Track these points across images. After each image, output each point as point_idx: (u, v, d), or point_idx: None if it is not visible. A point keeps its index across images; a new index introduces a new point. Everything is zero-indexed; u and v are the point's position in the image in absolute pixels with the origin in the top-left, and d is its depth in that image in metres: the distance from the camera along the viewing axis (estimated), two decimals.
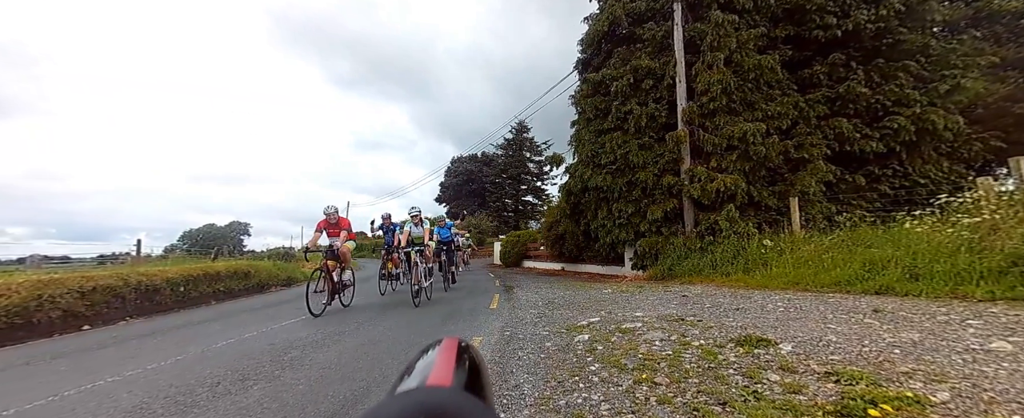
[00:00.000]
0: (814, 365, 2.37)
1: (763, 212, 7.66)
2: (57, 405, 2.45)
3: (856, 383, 2.05)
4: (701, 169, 7.86)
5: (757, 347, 2.78)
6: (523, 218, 32.24)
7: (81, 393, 2.67)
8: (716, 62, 7.93)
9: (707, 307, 4.41)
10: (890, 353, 2.47)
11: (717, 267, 6.75)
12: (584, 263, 11.83)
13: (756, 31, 8.06)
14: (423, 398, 0.28)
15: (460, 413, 0.25)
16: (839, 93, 7.89)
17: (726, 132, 7.67)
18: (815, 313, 3.63)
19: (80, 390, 2.72)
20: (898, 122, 7.44)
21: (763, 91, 8.06)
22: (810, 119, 7.89)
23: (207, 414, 2.30)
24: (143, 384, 2.81)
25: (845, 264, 4.89)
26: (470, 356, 0.41)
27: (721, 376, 2.34)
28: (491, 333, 4.08)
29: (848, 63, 8.08)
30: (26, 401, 2.50)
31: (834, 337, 2.87)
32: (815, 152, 7.52)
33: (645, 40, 9.33)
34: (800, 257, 5.62)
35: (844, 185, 7.78)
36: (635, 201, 8.61)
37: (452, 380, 0.33)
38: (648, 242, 8.36)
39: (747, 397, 2.03)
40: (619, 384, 2.39)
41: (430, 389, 0.32)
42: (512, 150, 32.37)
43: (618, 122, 9.06)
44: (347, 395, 2.51)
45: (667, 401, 2.08)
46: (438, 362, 0.37)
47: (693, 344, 3.00)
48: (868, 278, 4.45)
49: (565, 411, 2.11)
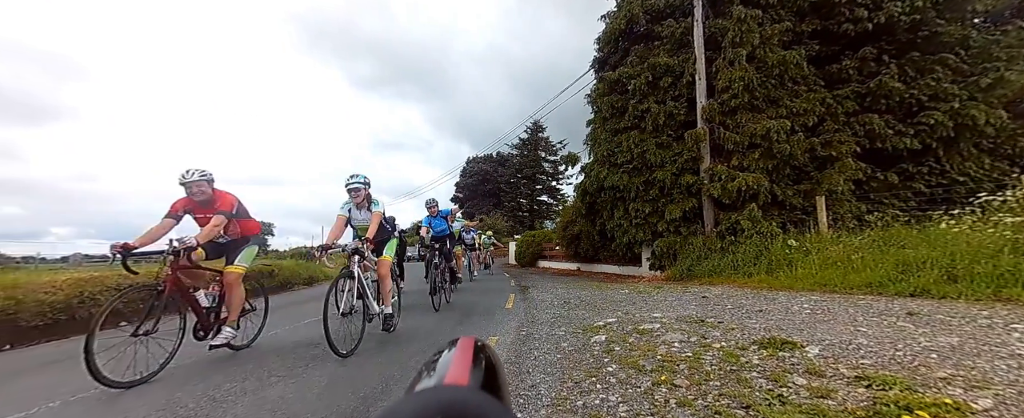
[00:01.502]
0: (843, 369, 2.28)
1: (787, 211, 7.42)
2: (95, 396, 2.57)
3: (889, 388, 1.96)
4: (722, 168, 7.67)
5: (782, 350, 2.68)
6: (538, 218, 32.20)
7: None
8: (738, 58, 7.73)
9: (728, 308, 4.29)
10: (926, 358, 2.34)
11: (738, 268, 6.57)
12: (600, 263, 11.70)
13: (781, 26, 7.82)
14: (440, 396, 0.28)
15: (477, 412, 0.26)
16: (870, 88, 7.57)
17: (748, 130, 7.46)
18: (844, 315, 3.49)
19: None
20: (935, 117, 7.09)
21: (788, 87, 7.81)
22: (838, 116, 7.60)
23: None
24: (182, 376, 2.91)
25: (876, 265, 4.68)
26: (486, 355, 0.41)
27: (744, 379, 2.28)
28: (507, 333, 4.08)
29: (880, 57, 7.74)
30: (69, 393, 2.63)
31: (865, 340, 2.75)
32: (843, 149, 7.24)
33: (664, 37, 9.18)
34: (827, 258, 5.41)
35: (875, 183, 7.46)
36: (652, 200, 8.47)
37: (469, 379, 0.34)
38: (666, 242, 8.20)
39: (771, 401, 1.96)
40: (637, 386, 2.35)
41: (447, 388, 0.32)
42: (527, 150, 32.39)
43: (635, 121, 8.94)
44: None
45: (687, 404, 2.04)
46: (455, 361, 0.37)
47: (714, 346, 2.93)
48: (901, 280, 4.25)
49: (582, 412, 2.09)
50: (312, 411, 2.23)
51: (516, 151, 32.82)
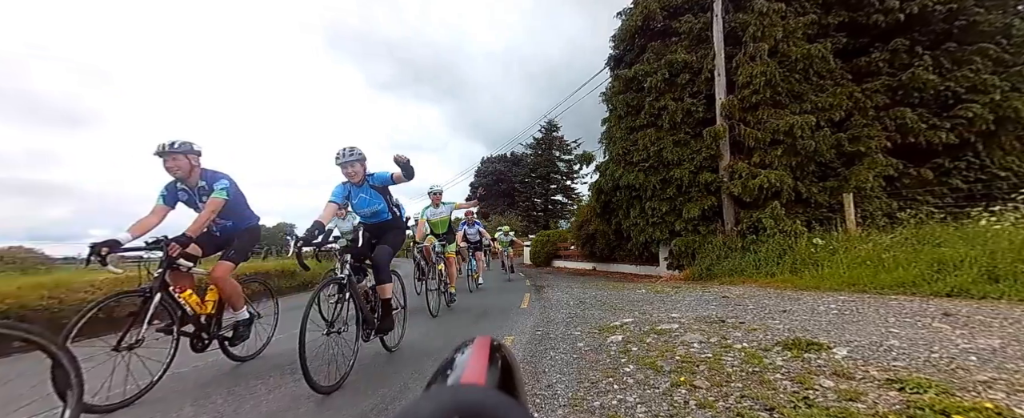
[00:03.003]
0: (874, 371, 2.18)
1: (812, 209, 7.18)
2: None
3: (924, 392, 1.86)
4: (742, 165, 7.47)
5: (807, 351, 2.59)
6: (553, 217, 32.07)
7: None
8: (759, 53, 7.52)
9: (750, 308, 4.17)
10: (965, 360, 2.23)
11: (760, 267, 6.39)
12: (616, 263, 11.57)
13: (805, 19, 7.57)
14: (458, 395, 0.28)
15: (494, 411, 0.25)
16: (902, 81, 7.25)
17: (770, 126, 7.25)
18: (874, 316, 3.35)
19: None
20: (973, 110, 6.74)
21: (813, 82, 7.55)
22: (867, 110, 7.30)
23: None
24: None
25: (909, 264, 4.48)
26: (502, 355, 0.41)
27: (767, 381, 2.21)
28: (522, 332, 4.07)
29: (913, 48, 7.40)
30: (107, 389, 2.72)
31: (897, 342, 2.63)
32: (873, 145, 6.95)
33: (682, 33, 9.00)
34: (856, 256, 5.21)
35: (908, 179, 7.14)
36: (669, 199, 8.32)
37: (486, 378, 0.34)
38: (684, 241, 8.05)
39: (796, 403, 1.90)
40: (656, 386, 2.31)
41: (464, 387, 0.32)
42: (542, 149, 32.29)
43: (651, 118, 8.80)
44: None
45: (708, 405, 1.99)
46: (471, 361, 0.37)
47: (735, 347, 2.85)
48: (937, 279, 4.05)
49: (600, 412, 2.07)
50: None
51: (530, 151, 32.77)
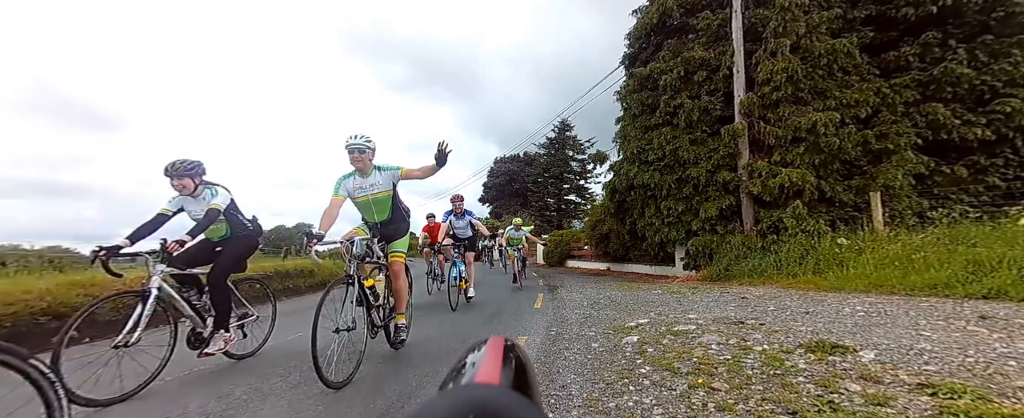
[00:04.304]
0: (903, 375, 2.09)
1: (837, 208, 6.95)
2: (158, 387, 2.77)
3: (958, 397, 1.78)
4: (762, 163, 7.29)
5: (832, 354, 2.51)
6: (566, 217, 31.87)
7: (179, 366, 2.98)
8: (781, 49, 7.32)
9: (771, 310, 4.06)
10: (1003, 365, 2.11)
11: (782, 268, 6.21)
12: (631, 263, 11.43)
13: (830, 13, 7.33)
14: (473, 394, 0.29)
15: (508, 410, 0.25)
16: (933, 76, 6.95)
17: (792, 123, 7.05)
18: (904, 318, 3.21)
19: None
20: (1012, 105, 6.42)
21: (837, 78, 7.32)
22: (895, 106, 7.03)
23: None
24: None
25: (942, 265, 4.29)
26: (516, 355, 0.41)
27: (789, 384, 2.14)
28: (536, 333, 4.06)
29: (945, 42, 7.09)
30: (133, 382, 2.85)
31: (928, 345, 2.52)
32: (902, 142, 6.69)
33: (699, 30, 8.85)
34: (883, 257, 5.01)
35: (940, 177, 6.84)
36: (686, 198, 8.18)
37: (500, 378, 0.34)
38: (701, 241, 7.90)
39: (821, 407, 1.83)
40: (673, 388, 2.26)
41: (479, 386, 0.32)
42: (555, 149, 32.14)
43: (667, 117, 8.67)
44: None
45: (727, 408, 1.94)
46: (485, 360, 0.37)
47: (755, 349, 2.78)
48: (972, 281, 3.86)
49: (615, 414, 2.04)
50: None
51: (543, 150, 32.65)
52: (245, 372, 2.94)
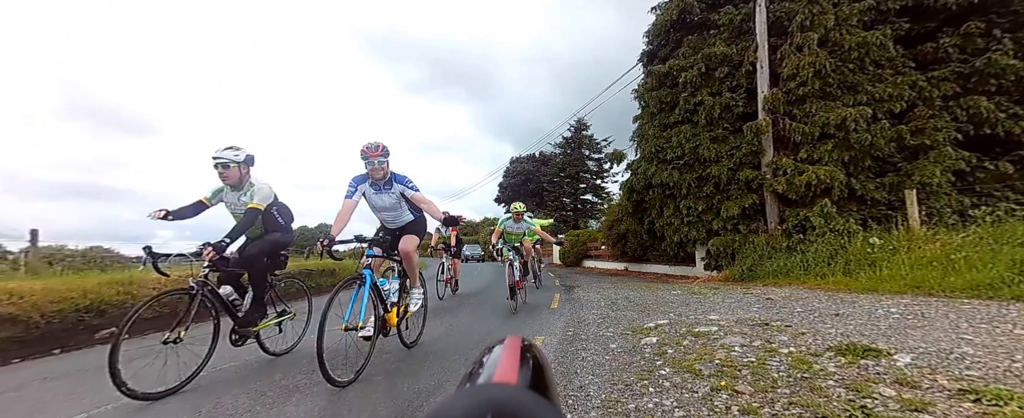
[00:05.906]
0: (942, 380, 1.99)
1: (868, 207, 6.66)
2: (207, 377, 2.89)
3: (1004, 404, 1.67)
4: (787, 161, 7.05)
5: (864, 357, 2.40)
6: (582, 217, 31.61)
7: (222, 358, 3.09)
8: (807, 43, 7.07)
9: (797, 311, 3.92)
10: None
11: (809, 268, 5.99)
12: (649, 263, 11.25)
13: (861, 4, 7.04)
14: (491, 394, 0.29)
15: (526, 410, 0.25)
16: (975, 68, 6.58)
17: (819, 119, 6.79)
18: (942, 321, 3.05)
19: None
20: None
21: (869, 71, 7.01)
22: (933, 100, 6.68)
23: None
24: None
25: (985, 265, 4.05)
26: (534, 355, 0.41)
27: (818, 387, 2.06)
28: (553, 333, 4.03)
29: (989, 32, 6.70)
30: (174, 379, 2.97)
31: (970, 349, 2.38)
32: (940, 137, 6.35)
33: (721, 26, 8.64)
34: (920, 257, 4.77)
35: (982, 173, 6.47)
36: (706, 197, 7.99)
37: (518, 378, 0.34)
38: (723, 241, 7.70)
39: (853, 412, 1.76)
40: (694, 390, 2.21)
41: (497, 386, 0.32)
42: (571, 148, 31.93)
43: (686, 114, 8.50)
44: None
45: (752, 412, 1.88)
46: (503, 360, 0.37)
47: (781, 351, 2.69)
48: (1020, 281, 3.64)
49: (635, 416, 2.01)
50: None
51: (559, 150, 32.49)
52: (274, 369, 3.04)
